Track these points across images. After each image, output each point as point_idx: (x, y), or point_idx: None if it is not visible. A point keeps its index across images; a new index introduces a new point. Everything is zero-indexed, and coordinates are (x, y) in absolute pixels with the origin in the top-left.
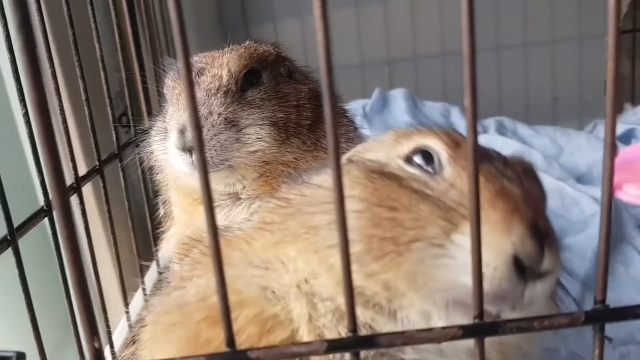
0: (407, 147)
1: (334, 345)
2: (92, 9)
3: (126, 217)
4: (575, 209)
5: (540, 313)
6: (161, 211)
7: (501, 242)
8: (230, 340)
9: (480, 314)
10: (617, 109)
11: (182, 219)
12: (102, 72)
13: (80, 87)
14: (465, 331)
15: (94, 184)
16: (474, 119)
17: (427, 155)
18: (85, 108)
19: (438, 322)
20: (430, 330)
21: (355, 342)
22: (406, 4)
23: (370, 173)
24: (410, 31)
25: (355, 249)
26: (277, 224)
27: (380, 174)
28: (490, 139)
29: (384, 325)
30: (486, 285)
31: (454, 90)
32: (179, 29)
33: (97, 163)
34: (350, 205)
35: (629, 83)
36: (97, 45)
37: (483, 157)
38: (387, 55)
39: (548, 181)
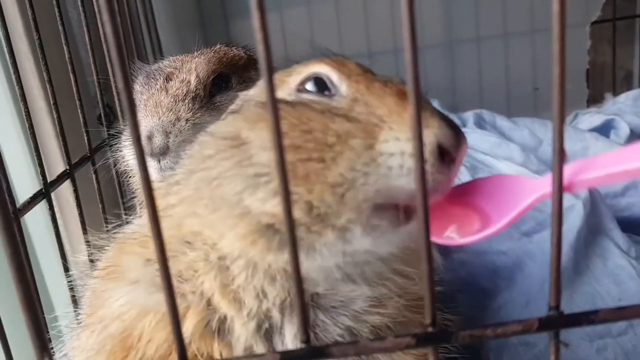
0: (295, 79)
1: (286, 357)
2: (60, 10)
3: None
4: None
5: None
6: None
7: (425, 136)
8: (182, 354)
9: (433, 322)
10: (564, 115)
11: None
12: (71, 75)
13: (62, 87)
14: (419, 340)
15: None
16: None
17: (319, 82)
18: (54, 112)
19: (358, 233)
20: (383, 339)
21: (308, 353)
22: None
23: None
24: (390, 24)
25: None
26: (173, 205)
27: (283, 103)
28: (469, 133)
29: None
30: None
31: (433, 83)
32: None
33: (67, 167)
34: (259, 141)
35: (610, 72)
36: (65, 48)
37: (366, 70)
38: (367, 47)
39: (524, 174)
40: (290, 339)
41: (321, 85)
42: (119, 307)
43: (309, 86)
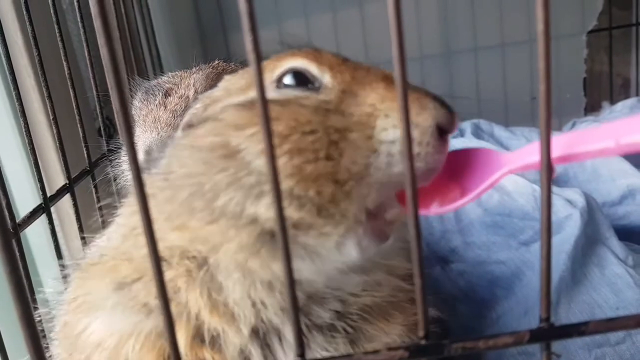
0: (270, 76)
1: None
2: (59, 25)
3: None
4: None
5: None
6: None
7: (424, 118)
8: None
9: (426, 334)
10: (550, 130)
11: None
12: (71, 90)
13: (62, 101)
14: (412, 352)
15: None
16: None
17: (298, 75)
18: (54, 126)
19: (351, 250)
20: (377, 352)
21: None
22: (382, 8)
23: (252, 107)
24: (387, 35)
25: (286, 184)
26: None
27: (272, 103)
28: (466, 142)
29: (302, 267)
30: (421, 164)
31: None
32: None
33: (67, 181)
34: (254, 147)
35: (607, 81)
36: (65, 63)
37: (344, 58)
38: (365, 59)
39: (522, 184)
40: (292, 341)
41: (301, 78)
42: (98, 336)
43: (288, 80)
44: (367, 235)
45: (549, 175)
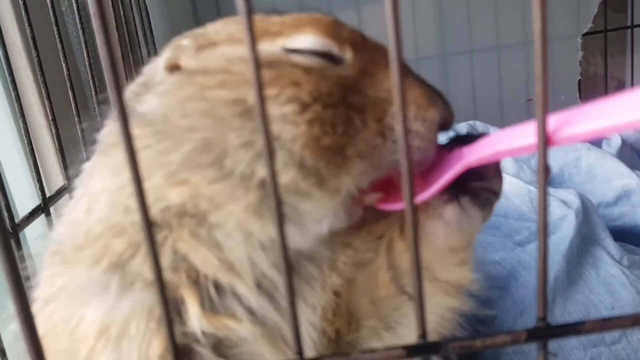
0: (286, 43)
1: None
2: (58, 27)
3: None
4: None
5: None
6: None
7: (433, 115)
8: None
9: (423, 333)
10: (547, 129)
11: None
12: (70, 91)
13: (61, 102)
14: (410, 351)
15: None
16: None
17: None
18: (53, 128)
19: (329, 221)
20: (374, 351)
21: None
22: (379, 9)
23: (274, 65)
24: (384, 36)
25: (300, 153)
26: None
27: (295, 67)
28: None
29: (293, 234)
30: (420, 157)
31: None
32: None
33: (66, 182)
34: (277, 109)
35: (602, 83)
36: (64, 64)
37: (362, 34)
38: None
39: (517, 185)
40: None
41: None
42: (97, 326)
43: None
44: (344, 210)
45: (545, 177)
